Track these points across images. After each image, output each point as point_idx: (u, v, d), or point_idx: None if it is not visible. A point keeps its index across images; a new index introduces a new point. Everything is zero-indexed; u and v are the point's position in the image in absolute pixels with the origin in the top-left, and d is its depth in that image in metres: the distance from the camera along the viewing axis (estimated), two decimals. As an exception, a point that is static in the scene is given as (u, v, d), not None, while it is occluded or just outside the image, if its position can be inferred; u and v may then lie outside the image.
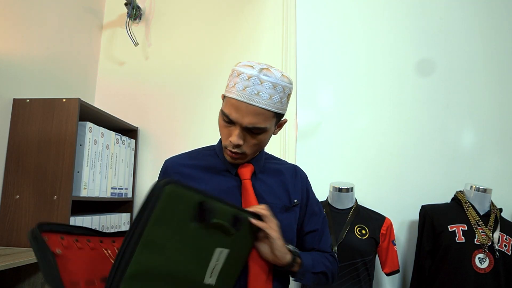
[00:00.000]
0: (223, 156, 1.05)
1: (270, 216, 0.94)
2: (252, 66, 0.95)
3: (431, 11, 2.10)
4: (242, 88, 0.93)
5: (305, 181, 1.16)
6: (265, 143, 1.02)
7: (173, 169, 1.06)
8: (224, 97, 0.99)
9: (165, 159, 1.18)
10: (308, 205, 1.12)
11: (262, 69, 0.95)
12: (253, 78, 0.93)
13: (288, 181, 1.11)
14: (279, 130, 1.07)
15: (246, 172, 1.04)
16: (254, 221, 0.91)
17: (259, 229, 0.92)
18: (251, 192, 1.01)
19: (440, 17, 2.09)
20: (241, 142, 0.95)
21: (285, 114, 1.05)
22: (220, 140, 1.07)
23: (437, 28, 2.09)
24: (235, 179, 1.04)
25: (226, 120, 0.96)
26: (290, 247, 0.97)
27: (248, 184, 1.02)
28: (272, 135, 1.05)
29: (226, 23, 2.27)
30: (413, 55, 2.08)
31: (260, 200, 1.02)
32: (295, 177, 1.13)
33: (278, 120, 1.01)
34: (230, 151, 0.98)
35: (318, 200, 1.17)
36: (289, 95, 1.00)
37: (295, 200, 1.08)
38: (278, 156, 1.29)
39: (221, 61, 2.23)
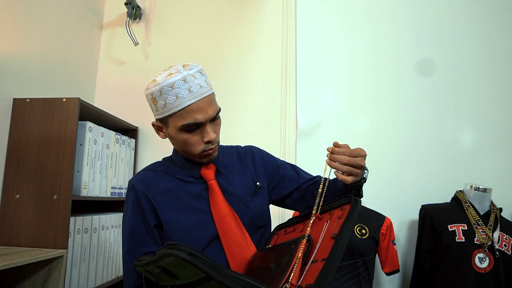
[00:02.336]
0: (185, 164, 1.09)
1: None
2: (172, 74, 0.97)
3: (432, 10, 2.10)
4: (187, 92, 0.96)
5: (262, 158, 1.21)
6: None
7: (144, 185, 1.06)
8: (165, 118, 1.00)
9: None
10: (278, 171, 1.20)
11: (183, 67, 0.99)
12: (188, 77, 0.97)
13: (249, 167, 1.16)
14: None
15: (209, 173, 1.08)
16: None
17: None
18: (218, 192, 1.05)
19: (441, 16, 2.09)
20: (216, 134, 1.02)
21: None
22: (176, 152, 1.13)
23: (438, 27, 2.09)
24: (200, 182, 1.08)
25: (193, 128, 0.99)
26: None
27: (214, 184, 1.06)
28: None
29: (226, 23, 2.27)
30: (413, 55, 2.08)
31: (230, 196, 1.07)
32: (253, 160, 1.19)
33: None
34: (210, 149, 1.03)
35: (273, 156, 1.25)
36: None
37: (258, 183, 1.14)
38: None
39: (221, 61, 2.23)
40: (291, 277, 0.81)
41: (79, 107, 1.60)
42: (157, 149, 2.20)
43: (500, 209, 1.72)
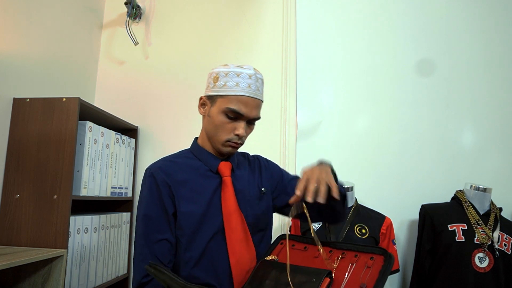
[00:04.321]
0: (205, 157, 1.16)
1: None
2: (243, 67, 1.09)
3: (432, 10, 2.10)
4: (247, 85, 1.07)
5: (267, 166, 1.30)
6: None
7: (164, 174, 1.11)
8: (215, 97, 1.10)
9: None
10: (282, 181, 1.27)
11: (254, 69, 1.10)
12: (253, 76, 1.09)
13: (256, 174, 1.25)
14: None
15: (225, 169, 1.15)
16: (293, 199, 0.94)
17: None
18: (230, 188, 1.13)
19: (441, 16, 2.09)
20: (246, 133, 1.10)
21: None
22: (195, 143, 1.21)
23: (438, 27, 2.09)
24: (216, 177, 1.15)
25: (232, 116, 1.07)
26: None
27: (228, 180, 1.13)
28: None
29: (226, 23, 2.27)
30: (413, 55, 2.08)
31: (239, 195, 1.14)
32: (259, 168, 1.28)
33: None
34: (235, 142, 1.11)
35: (279, 166, 1.34)
36: None
37: (263, 189, 1.22)
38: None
39: (221, 61, 2.21)
40: None
41: (79, 107, 1.60)
42: (157, 148, 2.20)
43: (500, 209, 1.73)
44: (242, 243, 1.09)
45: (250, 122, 1.11)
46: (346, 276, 0.91)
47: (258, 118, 1.12)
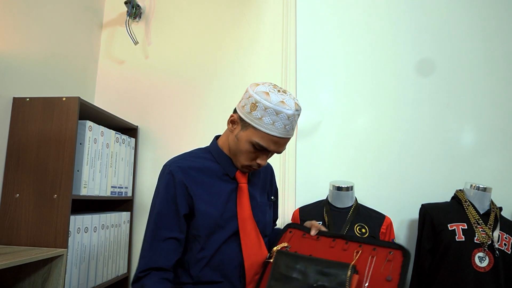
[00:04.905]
0: (224, 161, 1.18)
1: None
2: (284, 102, 1.04)
3: (432, 9, 2.10)
4: (282, 126, 1.05)
5: (273, 177, 1.38)
6: None
7: (182, 173, 1.12)
8: (248, 124, 1.08)
9: (165, 158, 1.21)
10: (276, 195, 1.39)
11: (296, 104, 1.06)
12: (292, 117, 1.05)
13: (267, 182, 1.31)
14: None
15: (242, 177, 1.19)
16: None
17: None
18: (246, 194, 1.16)
19: (441, 16, 2.09)
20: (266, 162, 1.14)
21: None
22: (216, 144, 1.21)
23: (438, 27, 2.08)
24: (232, 182, 1.18)
25: (259, 149, 1.08)
26: None
27: (244, 187, 1.17)
28: None
29: (226, 22, 2.26)
30: (413, 54, 2.08)
31: (253, 201, 1.18)
32: (271, 176, 1.35)
33: None
34: (251, 167, 1.14)
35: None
36: None
37: (272, 198, 1.32)
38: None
39: (221, 60, 2.23)
40: None
41: (79, 106, 1.60)
42: (157, 148, 2.20)
43: (500, 208, 1.72)
44: (255, 247, 1.13)
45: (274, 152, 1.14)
46: (368, 268, 0.97)
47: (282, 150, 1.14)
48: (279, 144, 1.08)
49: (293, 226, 1.23)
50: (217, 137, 1.26)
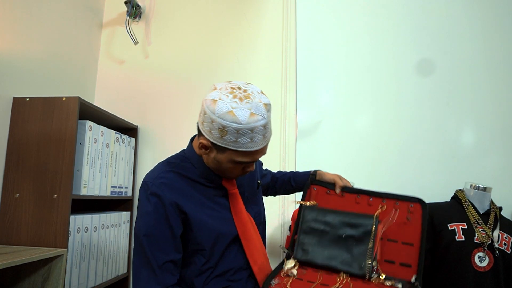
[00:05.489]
0: (206, 173, 1.09)
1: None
2: (254, 114, 0.92)
3: (432, 9, 2.10)
4: (261, 138, 0.96)
5: (259, 161, 1.35)
6: None
7: (169, 191, 1.03)
8: (222, 148, 0.97)
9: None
10: (262, 168, 1.37)
11: (265, 106, 0.95)
12: (268, 123, 0.97)
13: (256, 169, 1.25)
14: None
15: (231, 185, 1.12)
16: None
17: None
18: (240, 201, 1.12)
19: (442, 15, 2.09)
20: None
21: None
22: (194, 152, 1.10)
23: (438, 26, 2.08)
24: (219, 188, 1.12)
25: (244, 163, 1.02)
26: None
27: (236, 194, 1.12)
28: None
29: (226, 22, 2.26)
30: (413, 54, 2.08)
31: (244, 199, 1.15)
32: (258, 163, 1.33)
33: None
34: (241, 175, 1.09)
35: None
36: None
37: (259, 181, 1.25)
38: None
39: (221, 60, 2.23)
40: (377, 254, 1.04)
41: (79, 106, 1.60)
42: (157, 148, 2.20)
43: (500, 208, 1.72)
44: (259, 251, 1.11)
45: None
46: (390, 218, 1.08)
47: None
48: (263, 151, 1.01)
49: (316, 183, 1.26)
50: (192, 139, 1.16)
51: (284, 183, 1.45)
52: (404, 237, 1.08)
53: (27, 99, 1.63)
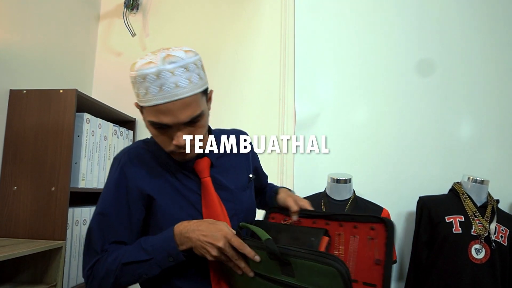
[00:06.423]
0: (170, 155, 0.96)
1: None
2: (151, 62, 0.84)
3: (431, 4, 2.09)
4: (157, 90, 0.83)
5: (254, 152, 1.16)
6: (207, 123, 0.97)
7: (134, 170, 0.95)
8: (141, 107, 0.91)
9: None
10: (258, 167, 1.18)
11: (163, 58, 0.84)
12: (163, 73, 0.83)
13: (243, 159, 1.09)
14: (211, 103, 0.99)
15: (203, 169, 0.97)
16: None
17: None
18: (211, 191, 0.96)
19: (440, 8, 2.08)
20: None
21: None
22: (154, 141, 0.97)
23: (437, 20, 2.07)
24: (192, 176, 0.97)
25: (161, 127, 0.88)
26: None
27: (208, 182, 0.96)
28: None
29: (224, 14, 2.25)
30: (411, 48, 2.07)
31: (224, 191, 0.99)
32: (251, 151, 1.13)
33: (206, 95, 0.94)
34: (180, 153, 0.91)
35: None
36: (202, 66, 0.94)
37: (251, 176, 1.08)
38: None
39: (219, 53, 2.21)
40: None
41: (77, 99, 1.59)
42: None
43: (497, 201, 1.73)
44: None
45: (192, 122, 0.88)
46: (353, 252, 0.90)
47: (196, 117, 0.88)
48: (171, 112, 0.84)
49: (275, 211, 1.11)
50: None
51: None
52: (367, 255, 0.90)
53: (24, 91, 1.62)
